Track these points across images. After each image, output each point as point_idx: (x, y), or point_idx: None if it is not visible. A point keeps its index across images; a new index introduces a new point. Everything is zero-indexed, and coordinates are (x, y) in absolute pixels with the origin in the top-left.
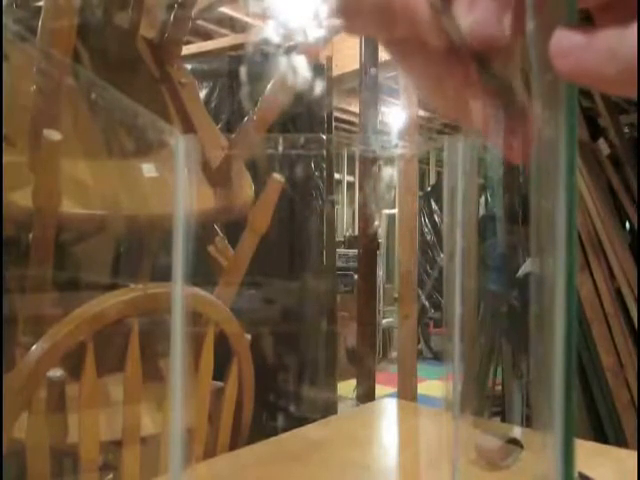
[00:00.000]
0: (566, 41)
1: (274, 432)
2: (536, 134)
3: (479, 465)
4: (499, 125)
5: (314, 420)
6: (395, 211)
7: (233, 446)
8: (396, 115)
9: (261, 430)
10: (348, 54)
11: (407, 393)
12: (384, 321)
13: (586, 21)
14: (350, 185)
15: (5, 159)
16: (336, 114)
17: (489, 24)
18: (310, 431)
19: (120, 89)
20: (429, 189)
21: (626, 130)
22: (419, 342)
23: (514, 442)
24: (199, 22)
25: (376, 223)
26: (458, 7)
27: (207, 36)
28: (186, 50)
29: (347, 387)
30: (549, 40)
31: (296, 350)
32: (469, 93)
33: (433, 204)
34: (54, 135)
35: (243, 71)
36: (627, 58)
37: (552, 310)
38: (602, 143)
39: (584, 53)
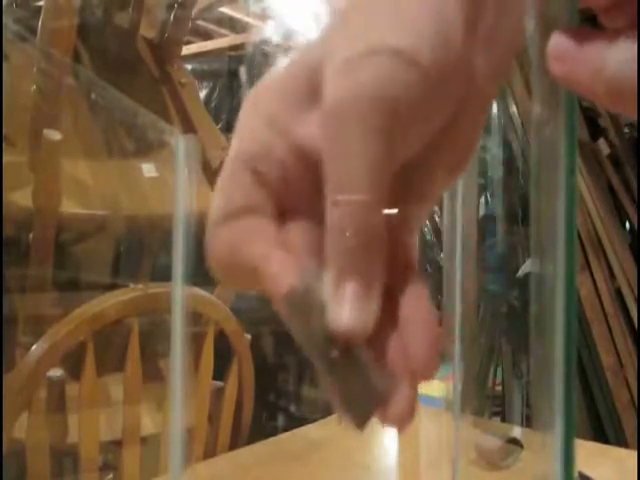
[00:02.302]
0: (564, 45)
1: (274, 432)
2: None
3: (479, 465)
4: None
5: (314, 420)
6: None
7: (233, 446)
8: None
9: (261, 430)
10: None
11: None
12: None
13: (587, 22)
14: None
15: (5, 159)
16: None
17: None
18: (310, 431)
19: (120, 89)
20: None
21: (626, 130)
22: None
23: (514, 442)
24: (199, 22)
25: None
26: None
27: (207, 36)
28: (186, 50)
29: None
30: (548, 40)
31: (296, 350)
32: None
33: None
34: (54, 135)
35: (243, 71)
36: (614, 74)
37: (552, 310)
38: (602, 143)
39: (579, 59)
